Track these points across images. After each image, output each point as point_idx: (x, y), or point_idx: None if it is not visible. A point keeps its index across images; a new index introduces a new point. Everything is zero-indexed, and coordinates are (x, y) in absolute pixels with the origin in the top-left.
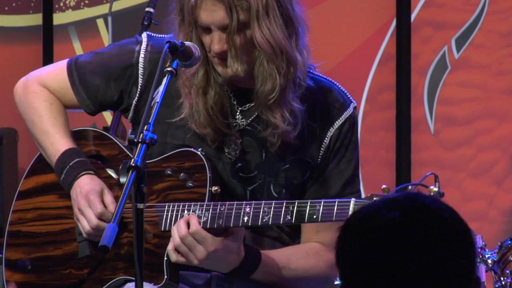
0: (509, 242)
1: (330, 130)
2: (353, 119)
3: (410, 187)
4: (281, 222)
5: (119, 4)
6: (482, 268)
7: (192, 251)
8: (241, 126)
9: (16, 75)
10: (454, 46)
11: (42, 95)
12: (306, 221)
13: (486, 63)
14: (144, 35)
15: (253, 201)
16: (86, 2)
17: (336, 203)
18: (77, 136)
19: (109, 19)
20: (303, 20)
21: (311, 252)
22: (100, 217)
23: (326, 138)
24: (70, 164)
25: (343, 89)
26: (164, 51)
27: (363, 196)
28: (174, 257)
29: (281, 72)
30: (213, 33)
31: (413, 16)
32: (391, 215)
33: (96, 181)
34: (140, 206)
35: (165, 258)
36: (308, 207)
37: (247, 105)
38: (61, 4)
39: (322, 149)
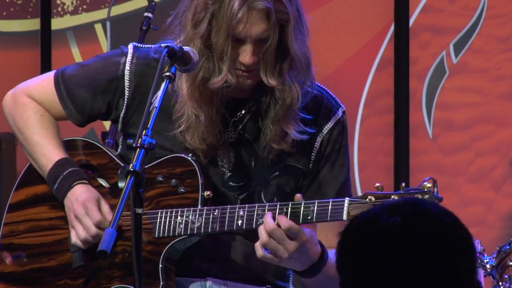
0: (508, 247)
1: (320, 135)
2: (342, 123)
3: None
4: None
5: (118, 9)
6: (480, 273)
7: (282, 244)
8: (232, 138)
9: (14, 80)
10: (453, 51)
11: (31, 106)
12: (301, 222)
13: (484, 68)
14: (130, 46)
15: (247, 205)
16: (84, 7)
17: (330, 202)
18: (66, 146)
19: (108, 24)
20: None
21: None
22: (98, 226)
23: (316, 143)
24: (64, 174)
25: (332, 94)
26: (162, 56)
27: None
28: (260, 252)
29: (303, 82)
30: (246, 45)
31: (411, 21)
32: (392, 220)
33: (91, 189)
34: (139, 211)
35: (160, 265)
36: (302, 208)
37: (238, 114)
38: (59, 9)
39: (313, 154)
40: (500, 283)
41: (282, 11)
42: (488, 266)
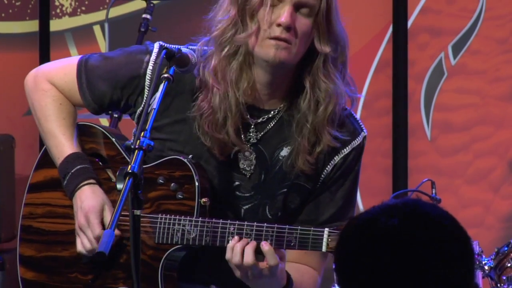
0: (506, 248)
1: (335, 158)
2: (360, 149)
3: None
4: (260, 247)
5: (116, 11)
6: (479, 274)
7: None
8: (254, 139)
9: (12, 81)
10: (451, 52)
11: (51, 93)
12: (284, 247)
13: (482, 69)
14: (156, 45)
15: (237, 222)
16: (83, 8)
17: (311, 231)
18: (80, 130)
19: (106, 25)
20: None
21: (307, 275)
22: (99, 239)
23: (329, 166)
24: (72, 171)
25: (355, 116)
26: (160, 57)
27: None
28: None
29: (341, 76)
30: (284, 6)
31: (409, 22)
32: (390, 222)
33: (97, 194)
34: (137, 212)
35: (160, 272)
36: (286, 233)
37: (265, 116)
38: (58, 10)
39: (322, 176)
40: (499, 285)
41: None
42: (486, 267)
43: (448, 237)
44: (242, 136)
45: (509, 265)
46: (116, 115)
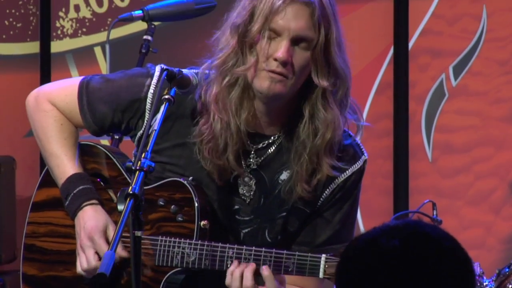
0: (507, 269)
1: (335, 181)
2: (360, 172)
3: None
4: (260, 271)
5: (117, 32)
6: None
7: None
8: (254, 165)
9: (13, 103)
10: (452, 73)
11: (52, 114)
12: (282, 272)
13: (483, 90)
14: (157, 69)
15: (236, 246)
16: (84, 30)
17: (309, 257)
18: (82, 149)
19: (107, 47)
20: None
21: None
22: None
23: (328, 190)
24: (74, 192)
25: (357, 140)
26: (161, 79)
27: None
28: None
29: (343, 107)
30: (282, 40)
31: (410, 44)
32: (391, 243)
33: (99, 214)
34: (138, 234)
35: None
36: (284, 258)
37: (265, 142)
38: (59, 32)
39: (321, 198)
40: None
41: (326, 16)
42: None
43: (449, 258)
44: (242, 162)
45: (510, 286)
46: (117, 137)
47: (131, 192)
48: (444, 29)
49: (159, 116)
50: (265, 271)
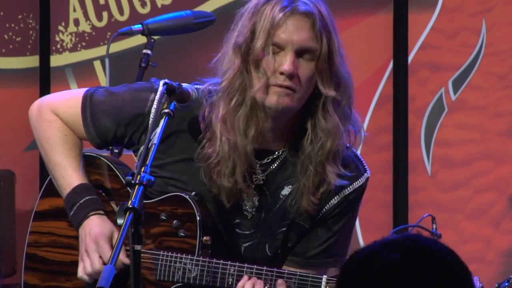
0: (506, 283)
1: (336, 197)
2: (362, 189)
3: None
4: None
5: (117, 46)
6: None
7: None
8: (259, 181)
9: (13, 117)
10: (451, 88)
11: (56, 124)
12: None
13: (483, 104)
14: (161, 83)
15: (237, 263)
16: (83, 44)
17: (310, 278)
18: (85, 161)
19: (107, 61)
20: None
21: None
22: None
23: (328, 205)
24: (80, 202)
25: (359, 156)
26: (161, 92)
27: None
28: None
29: (346, 116)
30: (286, 53)
31: (410, 58)
32: (391, 257)
33: (106, 222)
34: (138, 247)
35: None
36: (285, 278)
37: (270, 157)
38: (58, 46)
39: (321, 213)
40: None
41: (326, 26)
42: None
43: (449, 272)
44: (248, 179)
45: None
46: (117, 150)
47: (130, 206)
48: (444, 43)
49: (158, 130)
50: (281, 285)
